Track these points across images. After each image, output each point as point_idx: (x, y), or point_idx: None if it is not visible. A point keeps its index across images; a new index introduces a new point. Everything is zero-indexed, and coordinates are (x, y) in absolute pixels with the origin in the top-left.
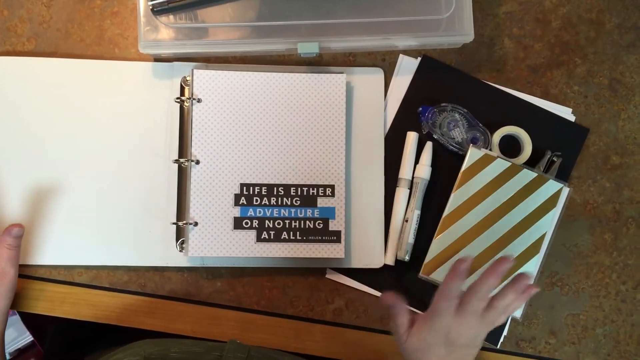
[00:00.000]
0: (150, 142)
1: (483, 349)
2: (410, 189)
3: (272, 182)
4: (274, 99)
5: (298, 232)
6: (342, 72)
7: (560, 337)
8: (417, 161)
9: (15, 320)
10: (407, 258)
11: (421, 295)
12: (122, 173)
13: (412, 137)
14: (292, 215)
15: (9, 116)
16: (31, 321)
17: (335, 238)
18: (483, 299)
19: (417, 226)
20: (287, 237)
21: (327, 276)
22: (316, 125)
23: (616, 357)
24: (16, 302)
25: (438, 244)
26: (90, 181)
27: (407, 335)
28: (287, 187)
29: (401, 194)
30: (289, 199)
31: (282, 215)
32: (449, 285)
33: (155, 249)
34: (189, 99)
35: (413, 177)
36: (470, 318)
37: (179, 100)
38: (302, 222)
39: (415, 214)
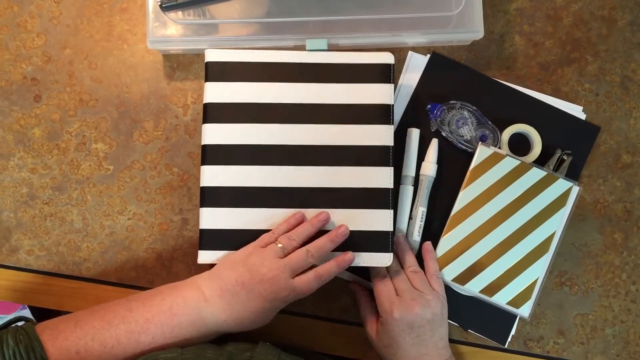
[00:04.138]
0: None
1: (491, 348)
2: (416, 186)
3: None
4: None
5: None
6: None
7: (568, 337)
8: (424, 158)
9: (25, 314)
10: None
11: None
12: None
13: (413, 134)
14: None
15: None
16: (42, 315)
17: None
18: (398, 272)
19: (423, 223)
20: None
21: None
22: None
23: (625, 357)
24: (25, 297)
25: (446, 242)
26: None
27: (375, 333)
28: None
29: (405, 191)
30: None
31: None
32: (372, 268)
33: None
34: None
35: (419, 175)
36: (408, 295)
37: None
38: None
39: (420, 212)
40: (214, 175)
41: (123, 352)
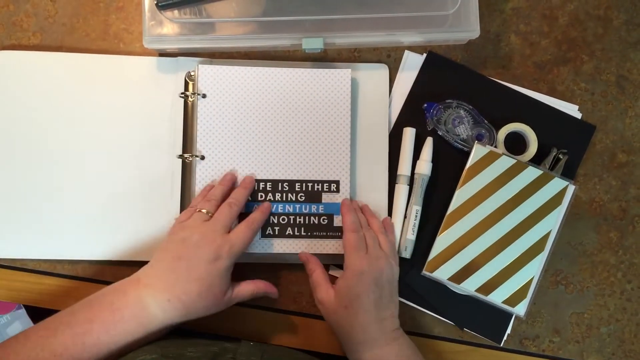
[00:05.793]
0: (154, 137)
1: (486, 346)
2: (411, 185)
3: (277, 177)
4: (279, 94)
5: (303, 228)
6: (347, 68)
7: (564, 335)
8: (419, 157)
9: (21, 314)
10: (407, 255)
11: (425, 292)
12: (125, 168)
13: (408, 133)
14: (297, 210)
15: (12, 110)
16: (38, 315)
17: (339, 234)
18: (369, 230)
19: (418, 222)
20: (291, 233)
21: (330, 272)
22: (321, 121)
23: (621, 356)
24: (21, 296)
25: (442, 241)
26: (93, 176)
27: (333, 296)
28: (292, 183)
29: (400, 190)
30: (294, 194)
31: (286, 210)
32: (347, 219)
33: (159, 245)
34: (194, 94)
35: (414, 174)
36: (374, 253)
37: (183, 95)
38: (307, 217)
39: (414, 210)
40: None
41: (72, 357)
